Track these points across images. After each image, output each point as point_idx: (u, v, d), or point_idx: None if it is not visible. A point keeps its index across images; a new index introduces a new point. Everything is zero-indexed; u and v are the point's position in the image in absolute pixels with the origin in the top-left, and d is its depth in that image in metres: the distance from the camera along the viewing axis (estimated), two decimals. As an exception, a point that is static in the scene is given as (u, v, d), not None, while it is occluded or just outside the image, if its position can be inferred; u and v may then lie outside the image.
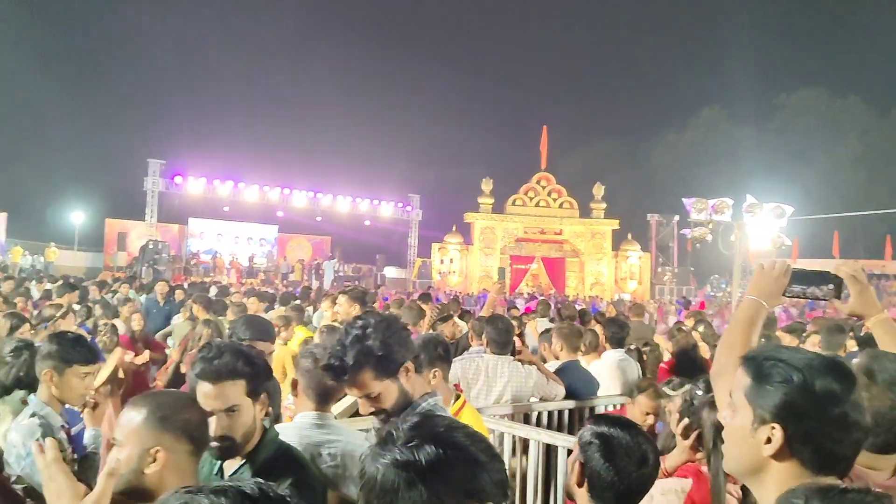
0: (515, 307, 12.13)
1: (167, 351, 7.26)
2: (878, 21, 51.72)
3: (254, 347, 2.35)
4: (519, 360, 4.88)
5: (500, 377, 4.73)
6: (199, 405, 1.99)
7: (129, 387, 2.80)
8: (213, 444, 2.02)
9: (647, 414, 3.88)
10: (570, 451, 2.56)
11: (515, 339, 5.05)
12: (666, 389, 3.45)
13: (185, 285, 14.75)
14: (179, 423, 1.79)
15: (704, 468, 2.54)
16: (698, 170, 45.47)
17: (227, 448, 2.07)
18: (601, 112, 59.90)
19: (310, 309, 10.02)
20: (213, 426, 2.00)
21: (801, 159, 45.43)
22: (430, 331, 6.90)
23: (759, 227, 17.29)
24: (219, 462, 2.16)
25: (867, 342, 4.87)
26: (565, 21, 65.64)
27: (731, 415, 1.45)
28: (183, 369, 5.25)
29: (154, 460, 1.71)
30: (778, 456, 1.34)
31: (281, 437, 2.26)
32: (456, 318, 8.08)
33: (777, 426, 1.34)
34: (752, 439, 1.38)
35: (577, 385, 5.14)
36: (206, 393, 2.05)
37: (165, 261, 25.90)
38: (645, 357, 7.09)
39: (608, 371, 5.68)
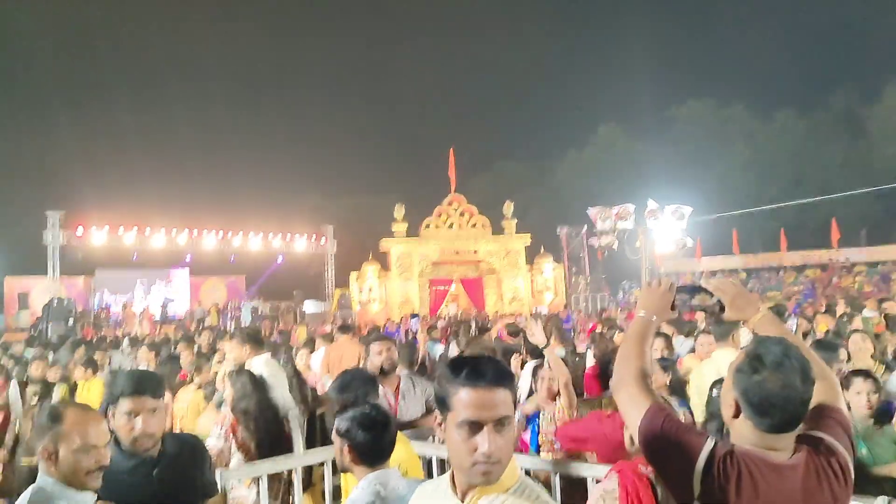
0: (435, 328, 12.12)
1: None
2: (755, 33, 55.18)
3: None
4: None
5: (417, 398, 4.73)
6: None
7: None
8: None
9: None
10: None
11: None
12: None
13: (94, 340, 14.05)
14: None
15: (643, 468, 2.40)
16: (601, 182, 46.98)
17: None
18: (505, 133, 61.40)
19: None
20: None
21: (696, 166, 47.54)
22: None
23: (661, 231, 17.97)
24: None
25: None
26: (466, 49, 66.91)
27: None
28: None
29: None
30: None
31: None
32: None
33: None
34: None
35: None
36: None
37: (74, 316, 24.64)
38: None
39: (526, 378, 5.72)
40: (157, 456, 2.78)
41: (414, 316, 11.72)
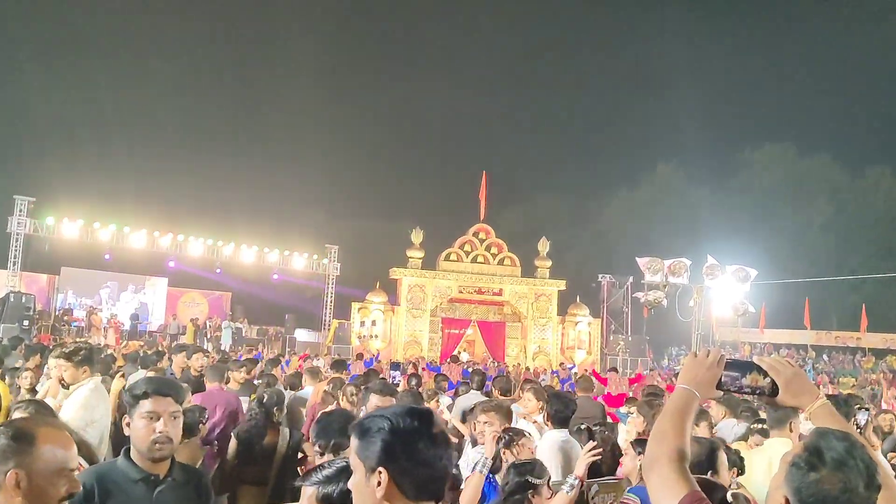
0: (445, 377, 12.10)
1: None
2: (852, 74, 54.91)
3: None
4: None
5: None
6: None
7: None
8: None
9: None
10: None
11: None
12: None
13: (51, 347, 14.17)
14: None
15: None
16: (654, 229, 46.82)
17: None
18: (547, 162, 61.01)
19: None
20: None
21: (767, 221, 47.23)
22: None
23: (720, 292, 17.89)
24: None
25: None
26: (506, 63, 67.18)
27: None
28: None
29: None
30: (388, 496, 1.78)
31: None
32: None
33: (383, 469, 1.78)
34: (368, 488, 1.80)
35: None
36: None
37: (30, 317, 24.87)
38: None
39: (547, 454, 5.66)
40: (162, 477, 3.01)
41: (395, 366, 11.78)
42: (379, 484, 1.77)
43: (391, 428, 1.82)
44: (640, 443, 4.48)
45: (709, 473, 3.79)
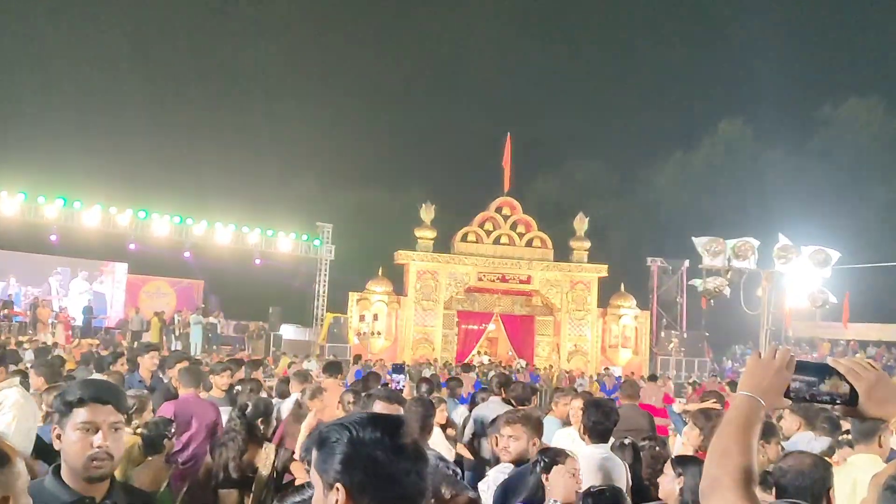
0: (458, 381, 12.14)
1: None
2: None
3: None
4: None
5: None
6: None
7: None
8: None
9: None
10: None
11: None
12: None
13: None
14: None
15: None
16: (715, 202, 46.62)
17: None
18: (585, 122, 60.61)
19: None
20: None
21: (852, 191, 46.93)
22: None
23: (795, 278, 17.78)
24: None
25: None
26: (536, 6, 66.71)
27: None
28: None
29: None
30: None
31: None
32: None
33: (340, 486, 1.85)
34: None
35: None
36: None
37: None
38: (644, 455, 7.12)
39: (584, 474, 5.65)
40: (100, 501, 2.94)
41: (398, 369, 11.85)
42: (336, 502, 1.84)
43: (350, 439, 1.89)
44: (680, 461, 4.51)
45: (828, 494, 3.75)
